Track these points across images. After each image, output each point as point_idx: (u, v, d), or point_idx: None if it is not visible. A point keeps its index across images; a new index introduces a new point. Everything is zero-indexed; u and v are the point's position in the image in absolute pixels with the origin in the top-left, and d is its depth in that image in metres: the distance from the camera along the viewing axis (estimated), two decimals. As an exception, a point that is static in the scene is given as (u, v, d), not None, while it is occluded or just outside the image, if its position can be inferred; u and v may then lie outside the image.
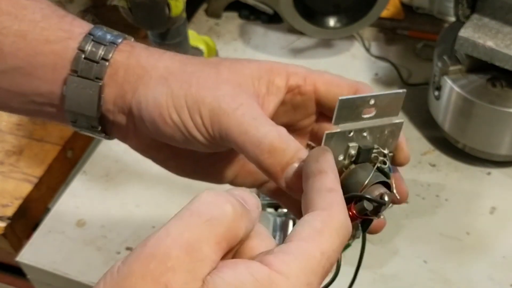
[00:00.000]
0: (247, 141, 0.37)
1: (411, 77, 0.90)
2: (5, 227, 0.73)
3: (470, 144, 0.77)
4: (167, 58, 0.42)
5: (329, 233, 0.32)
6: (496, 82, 0.73)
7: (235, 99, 0.39)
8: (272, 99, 0.41)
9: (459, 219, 0.74)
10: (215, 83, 0.40)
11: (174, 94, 0.39)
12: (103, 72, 0.41)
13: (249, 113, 0.38)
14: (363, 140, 0.38)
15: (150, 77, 0.40)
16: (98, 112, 0.42)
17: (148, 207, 0.76)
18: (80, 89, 0.41)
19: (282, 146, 0.37)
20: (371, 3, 0.87)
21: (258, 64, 0.41)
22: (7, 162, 0.79)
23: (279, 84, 0.41)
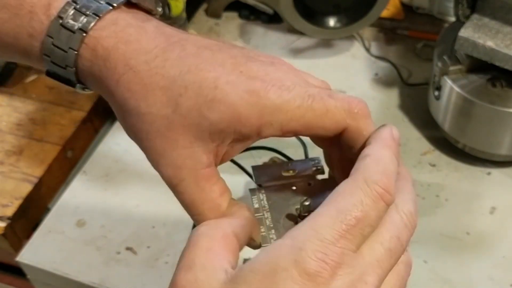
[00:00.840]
0: (182, 205, 0.39)
1: (411, 77, 0.90)
2: (5, 227, 0.73)
3: (470, 144, 0.77)
4: (124, 88, 0.38)
5: (350, 192, 0.32)
6: (496, 82, 0.73)
7: (177, 173, 0.37)
8: (236, 145, 0.38)
9: (459, 219, 0.74)
10: (163, 148, 0.37)
11: (129, 131, 0.40)
12: (72, 62, 0.39)
13: (188, 193, 0.38)
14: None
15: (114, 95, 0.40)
16: (75, 84, 0.41)
17: (148, 207, 0.76)
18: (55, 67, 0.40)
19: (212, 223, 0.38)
20: (371, 3, 0.87)
21: (224, 109, 0.35)
22: (7, 162, 0.79)
23: (247, 135, 0.36)
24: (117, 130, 0.85)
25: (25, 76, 0.89)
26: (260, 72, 0.36)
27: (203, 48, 0.37)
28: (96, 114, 0.86)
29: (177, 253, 0.73)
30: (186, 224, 0.74)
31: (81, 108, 0.85)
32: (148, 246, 0.72)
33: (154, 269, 0.70)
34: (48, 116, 0.84)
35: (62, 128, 0.83)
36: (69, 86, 0.41)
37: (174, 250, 0.72)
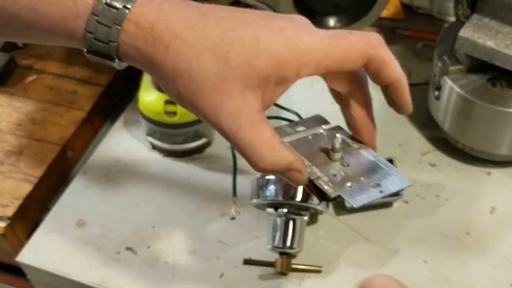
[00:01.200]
0: (247, 159, 0.43)
1: (411, 77, 0.89)
2: (5, 227, 0.73)
3: (470, 144, 0.77)
4: (174, 52, 0.42)
5: None
6: (496, 82, 0.73)
7: (235, 120, 0.42)
8: (279, 89, 0.43)
9: (459, 219, 0.74)
10: (219, 99, 0.41)
11: (180, 97, 0.43)
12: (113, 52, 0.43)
13: (248, 138, 0.42)
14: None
15: (158, 68, 0.43)
16: (116, 58, 0.43)
17: (148, 207, 0.76)
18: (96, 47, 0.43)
19: (274, 168, 0.43)
20: (371, 3, 0.87)
21: (267, 60, 0.41)
22: (7, 162, 0.79)
23: (288, 77, 0.42)
24: (117, 130, 0.85)
25: (25, 76, 0.89)
26: (287, 24, 0.42)
27: (231, 12, 0.43)
28: (96, 114, 0.86)
29: (177, 253, 0.74)
30: (186, 224, 0.74)
31: (81, 108, 0.85)
32: (148, 246, 0.72)
33: (154, 269, 0.70)
34: (48, 116, 0.84)
35: (62, 128, 0.83)
36: (109, 61, 0.44)
37: (174, 250, 0.72)
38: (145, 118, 0.78)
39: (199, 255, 0.71)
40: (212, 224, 0.74)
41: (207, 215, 0.75)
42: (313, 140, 0.48)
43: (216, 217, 0.75)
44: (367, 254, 0.70)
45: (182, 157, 0.81)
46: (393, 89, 0.46)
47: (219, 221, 0.74)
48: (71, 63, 0.90)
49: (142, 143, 0.83)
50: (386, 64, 0.44)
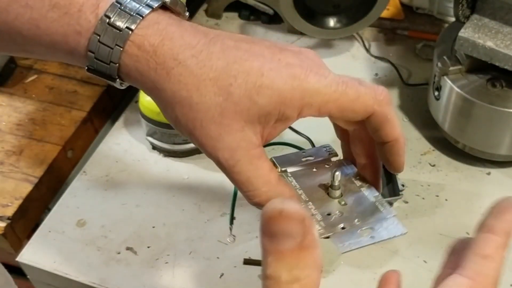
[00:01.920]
0: (242, 192, 0.43)
1: (411, 77, 0.90)
2: (5, 227, 0.73)
3: (470, 144, 0.77)
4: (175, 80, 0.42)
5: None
6: (496, 82, 0.73)
7: (233, 155, 0.41)
8: (279, 126, 0.43)
9: (459, 219, 0.74)
10: (218, 133, 0.41)
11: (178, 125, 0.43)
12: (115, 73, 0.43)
13: (244, 173, 0.42)
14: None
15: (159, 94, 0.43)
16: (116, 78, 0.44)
17: (148, 207, 0.76)
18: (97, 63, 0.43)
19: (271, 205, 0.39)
20: (371, 3, 0.87)
21: (268, 98, 0.40)
22: (7, 162, 0.79)
23: (289, 115, 0.42)
24: (117, 130, 0.85)
25: (25, 76, 0.89)
26: (295, 60, 0.41)
27: (239, 41, 0.42)
28: (96, 114, 0.86)
29: (177, 253, 0.74)
30: (186, 224, 0.74)
31: (81, 108, 0.85)
32: (148, 246, 0.72)
33: (154, 269, 0.70)
34: (48, 116, 0.84)
35: (62, 128, 0.83)
36: (110, 81, 0.44)
37: (174, 250, 0.72)
38: (145, 118, 0.78)
39: (199, 255, 0.71)
40: (212, 224, 0.74)
41: (207, 215, 0.75)
42: (316, 173, 0.47)
43: (216, 217, 0.74)
44: (367, 254, 0.70)
45: (182, 157, 0.81)
46: (390, 147, 0.44)
47: (219, 221, 0.74)
48: (71, 63, 0.90)
49: (142, 143, 0.83)
50: (388, 122, 0.43)
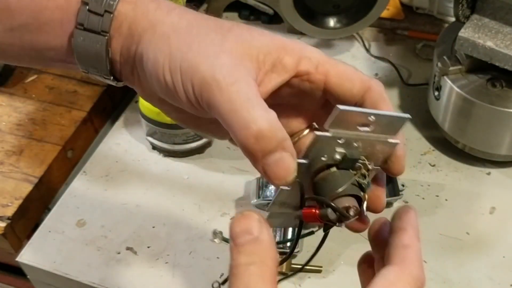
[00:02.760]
0: (235, 121, 0.36)
1: (411, 77, 0.90)
2: (5, 227, 0.73)
3: (470, 144, 0.77)
4: (176, 15, 0.41)
5: (401, 285, 0.35)
6: (496, 82, 0.73)
7: (232, 72, 0.37)
8: (274, 77, 0.40)
9: (459, 219, 0.74)
10: (216, 52, 0.38)
11: (172, 55, 0.39)
12: (108, 25, 0.41)
13: (244, 92, 0.37)
14: (352, 149, 0.38)
15: (154, 31, 0.40)
16: (107, 63, 0.42)
17: (148, 207, 0.76)
18: (87, 42, 0.41)
19: (269, 135, 0.36)
20: (371, 3, 0.87)
21: (270, 39, 0.40)
22: (7, 162, 0.79)
23: (286, 64, 0.39)
24: (117, 130, 0.85)
25: (25, 76, 0.89)
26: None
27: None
28: (96, 114, 0.86)
29: (177, 253, 0.74)
30: (186, 224, 0.74)
31: (81, 108, 0.85)
32: (148, 246, 0.72)
33: (154, 269, 0.70)
34: (48, 116, 0.84)
35: (62, 128, 0.83)
36: (97, 44, 0.42)
37: (174, 250, 0.72)
38: (145, 118, 0.78)
39: (199, 255, 0.71)
40: (212, 224, 0.74)
41: (207, 215, 0.75)
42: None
43: (216, 217, 0.74)
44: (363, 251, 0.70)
45: (182, 157, 0.81)
46: None
47: (219, 221, 0.74)
48: (71, 63, 0.90)
49: (142, 143, 0.83)
50: (384, 100, 0.41)
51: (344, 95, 0.40)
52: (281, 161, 0.36)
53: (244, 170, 0.78)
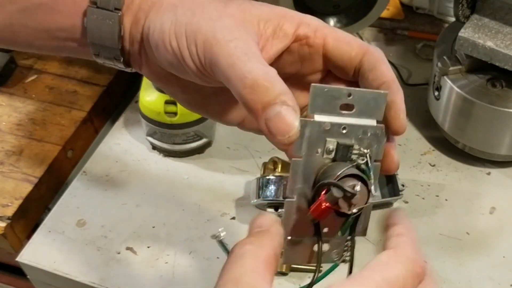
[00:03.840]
0: (233, 74, 0.37)
1: (411, 77, 0.90)
2: (5, 227, 0.73)
3: (470, 144, 0.77)
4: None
5: (394, 265, 0.35)
6: (496, 82, 0.73)
7: (232, 31, 0.38)
8: (275, 43, 0.41)
9: (459, 219, 0.74)
10: (218, 15, 0.40)
11: (178, 21, 0.40)
12: (121, 2, 0.42)
13: (241, 47, 0.38)
14: (342, 137, 0.37)
15: (161, 4, 0.41)
16: (119, 42, 0.43)
17: (148, 207, 0.76)
18: (100, 20, 0.42)
19: (266, 84, 0.36)
20: (371, 3, 0.87)
21: (271, 8, 0.41)
22: (7, 162, 0.79)
23: (286, 30, 0.41)
24: (117, 130, 0.85)
25: (25, 76, 0.89)
26: None
27: None
28: (96, 114, 0.86)
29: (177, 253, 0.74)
30: (186, 224, 0.74)
31: (81, 108, 0.85)
32: (148, 246, 0.72)
33: (154, 269, 0.70)
34: (48, 116, 0.84)
35: (62, 128, 0.83)
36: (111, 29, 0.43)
37: (174, 250, 0.72)
38: (145, 118, 0.78)
39: (199, 255, 0.71)
40: (212, 224, 0.74)
41: (207, 215, 0.75)
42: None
43: (216, 217, 0.74)
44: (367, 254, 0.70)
45: (182, 157, 0.81)
46: (386, 87, 0.40)
47: (219, 221, 0.74)
48: (71, 63, 0.90)
49: (142, 143, 0.83)
50: (382, 62, 0.41)
51: (343, 59, 0.41)
52: (282, 113, 0.35)
53: (244, 170, 0.78)
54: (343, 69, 0.42)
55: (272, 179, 0.68)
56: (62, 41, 0.45)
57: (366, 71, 0.41)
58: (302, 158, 0.37)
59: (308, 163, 0.37)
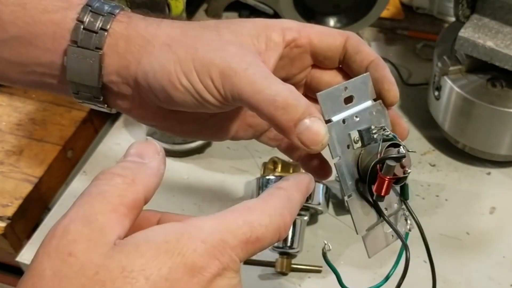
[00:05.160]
0: (261, 100, 0.38)
1: (411, 77, 0.90)
2: (5, 227, 0.73)
3: (470, 144, 0.77)
4: (166, 26, 0.42)
5: (259, 211, 0.35)
6: (496, 82, 0.73)
7: (243, 59, 0.39)
8: (271, 55, 0.42)
9: (459, 219, 0.74)
10: (220, 44, 0.40)
11: (181, 59, 0.40)
12: (102, 42, 0.41)
13: (260, 72, 0.39)
14: (359, 125, 0.41)
15: (153, 46, 0.41)
16: (99, 81, 0.42)
17: (148, 207, 0.76)
18: (80, 59, 0.41)
19: (295, 103, 0.38)
20: (371, 3, 0.87)
21: (253, 23, 0.43)
22: (7, 162, 0.79)
23: (276, 40, 0.42)
24: (117, 130, 0.85)
25: (25, 76, 0.89)
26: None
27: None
28: (96, 114, 0.86)
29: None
30: (186, 224, 0.74)
31: (81, 108, 0.85)
32: (148, 246, 0.72)
33: (154, 269, 0.70)
34: (48, 116, 0.84)
35: (62, 128, 0.83)
36: (91, 59, 0.42)
37: (174, 250, 0.72)
38: (145, 118, 0.78)
39: (199, 255, 0.71)
40: (212, 224, 0.73)
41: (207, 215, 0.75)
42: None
43: (216, 217, 0.74)
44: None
45: (182, 157, 0.81)
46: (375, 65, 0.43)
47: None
48: (71, 63, 0.90)
49: (142, 143, 0.82)
50: (363, 44, 0.44)
51: (330, 49, 0.44)
52: (312, 126, 0.38)
53: (244, 170, 0.78)
54: (330, 59, 0.44)
55: (272, 179, 0.68)
56: (40, 76, 0.44)
57: (352, 55, 0.44)
58: (341, 158, 0.40)
59: (347, 160, 0.41)
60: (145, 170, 0.35)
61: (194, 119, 0.45)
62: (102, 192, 0.33)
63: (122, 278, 0.30)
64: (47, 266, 0.30)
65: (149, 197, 0.36)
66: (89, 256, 0.30)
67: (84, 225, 0.31)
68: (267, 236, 0.35)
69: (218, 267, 0.32)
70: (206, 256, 0.32)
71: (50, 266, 0.30)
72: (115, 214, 0.32)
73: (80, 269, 0.30)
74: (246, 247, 0.33)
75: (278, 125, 0.38)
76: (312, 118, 0.38)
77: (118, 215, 0.32)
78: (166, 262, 0.31)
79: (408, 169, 0.40)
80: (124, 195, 0.33)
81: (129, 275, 0.30)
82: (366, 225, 0.43)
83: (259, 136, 0.49)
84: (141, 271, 0.30)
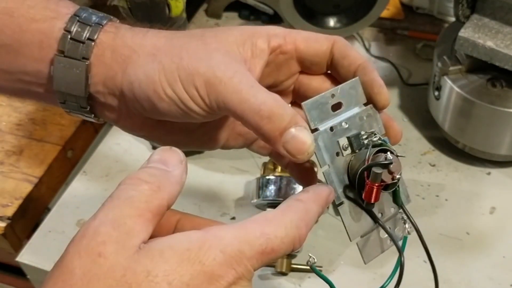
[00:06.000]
0: (247, 109, 0.38)
1: (411, 77, 0.90)
2: (5, 227, 0.73)
3: (470, 144, 0.77)
4: (152, 36, 0.42)
5: (276, 223, 0.35)
6: (496, 82, 0.73)
7: (229, 67, 0.39)
8: (257, 62, 0.42)
9: (459, 219, 0.74)
10: (206, 53, 0.40)
11: (166, 69, 0.40)
12: (89, 52, 0.41)
13: (245, 81, 0.39)
14: (348, 131, 0.41)
15: (138, 56, 0.41)
16: (86, 91, 0.42)
17: (148, 207, 0.76)
18: (67, 69, 0.42)
19: (280, 112, 0.38)
20: (371, 3, 0.87)
21: (239, 30, 0.42)
22: (7, 162, 0.79)
23: (262, 47, 0.42)
24: (117, 130, 0.85)
25: (25, 76, 0.89)
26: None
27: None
28: (96, 114, 0.86)
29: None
30: (186, 224, 0.74)
31: (81, 108, 0.85)
32: (148, 246, 0.72)
33: (154, 269, 0.70)
34: (48, 116, 0.84)
35: (62, 128, 0.83)
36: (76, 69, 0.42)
37: (174, 250, 0.72)
38: (145, 118, 0.78)
39: (199, 255, 0.71)
40: (212, 224, 0.74)
41: (207, 215, 0.75)
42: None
43: (216, 217, 0.74)
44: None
45: (182, 157, 0.81)
46: (363, 68, 0.43)
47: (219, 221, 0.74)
48: (71, 63, 0.90)
49: (142, 143, 0.83)
50: (350, 48, 0.44)
51: (317, 55, 0.43)
52: (297, 135, 0.37)
53: (244, 170, 0.78)
54: (317, 65, 0.44)
55: (272, 179, 0.68)
56: (26, 85, 0.44)
57: (339, 60, 0.43)
58: (330, 166, 0.40)
59: (337, 167, 0.40)
60: (169, 178, 0.36)
61: (182, 128, 0.45)
62: (130, 197, 0.34)
63: (147, 282, 0.31)
64: (77, 265, 0.33)
65: (171, 204, 0.36)
66: (117, 258, 0.32)
67: (114, 228, 0.33)
68: (282, 248, 0.35)
69: (234, 276, 0.33)
70: (224, 265, 0.33)
71: (80, 265, 0.32)
72: (142, 219, 0.33)
73: (109, 270, 0.32)
74: (261, 257, 0.34)
75: (263, 134, 0.38)
76: (297, 127, 0.37)
77: (144, 220, 0.34)
78: (188, 269, 0.32)
79: (396, 175, 0.39)
80: (150, 201, 0.34)
81: (153, 279, 0.32)
82: (360, 232, 0.42)
83: (250, 145, 0.49)
84: (165, 276, 0.32)
